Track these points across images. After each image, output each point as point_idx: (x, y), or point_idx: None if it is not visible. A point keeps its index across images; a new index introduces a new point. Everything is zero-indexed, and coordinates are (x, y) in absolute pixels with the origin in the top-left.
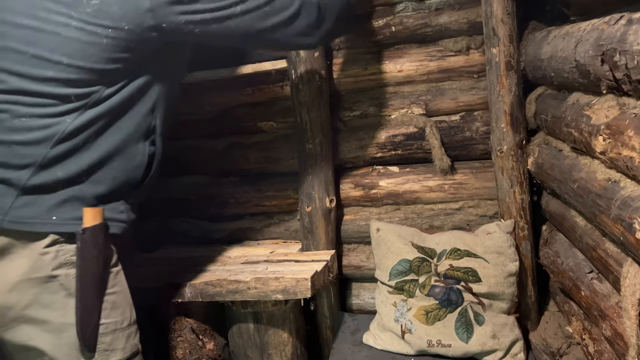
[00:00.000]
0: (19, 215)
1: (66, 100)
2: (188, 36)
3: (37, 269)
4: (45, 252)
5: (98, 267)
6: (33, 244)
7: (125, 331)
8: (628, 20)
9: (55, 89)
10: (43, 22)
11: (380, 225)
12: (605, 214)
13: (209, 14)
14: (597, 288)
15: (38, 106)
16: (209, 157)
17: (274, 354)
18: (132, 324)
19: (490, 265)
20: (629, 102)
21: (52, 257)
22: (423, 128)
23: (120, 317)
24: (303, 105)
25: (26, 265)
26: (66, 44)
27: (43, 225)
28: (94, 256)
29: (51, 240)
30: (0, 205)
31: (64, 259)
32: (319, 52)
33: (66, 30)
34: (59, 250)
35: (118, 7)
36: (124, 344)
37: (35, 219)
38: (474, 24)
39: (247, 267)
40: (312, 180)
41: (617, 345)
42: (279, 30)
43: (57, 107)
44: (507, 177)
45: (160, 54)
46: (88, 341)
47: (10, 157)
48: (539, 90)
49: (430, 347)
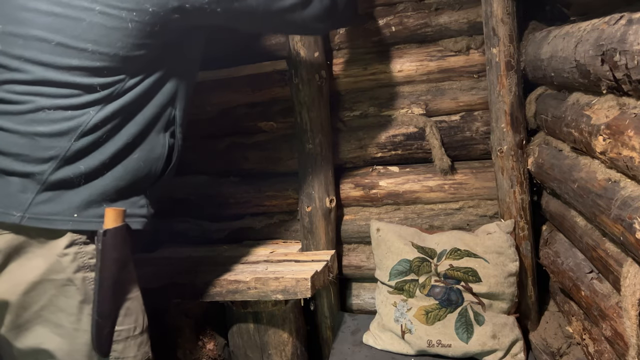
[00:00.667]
0: (40, 211)
1: (91, 90)
2: (210, 17)
3: (55, 271)
4: (64, 254)
5: (118, 271)
6: (51, 244)
7: (138, 339)
8: (628, 20)
9: (80, 79)
10: (66, 7)
11: (380, 225)
12: (605, 214)
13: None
14: (597, 288)
15: (62, 97)
16: (209, 157)
17: (274, 354)
18: (145, 331)
19: (490, 265)
20: (629, 102)
21: (71, 260)
22: (423, 128)
23: (134, 324)
24: (303, 105)
25: (44, 266)
26: (91, 30)
27: (64, 223)
28: (114, 259)
29: (70, 240)
30: (20, 200)
31: (83, 262)
32: (319, 52)
33: (90, 16)
34: (78, 253)
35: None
36: (136, 352)
37: (56, 215)
38: (474, 24)
39: (247, 267)
40: (312, 180)
41: (617, 346)
42: (297, 11)
43: (82, 97)
44: (507, 177)
45: (180, 40)
46: (102, 346)
47: (32, 149)
48: (539, 90)
49: (430, 347)
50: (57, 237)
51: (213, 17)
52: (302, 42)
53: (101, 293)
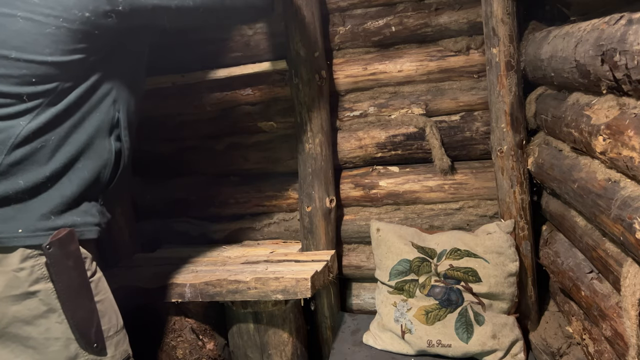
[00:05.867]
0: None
1: (19, 100)
2: (147, 16)
3: (14, 287)
4: (20, 269)
5: (78, 276)
6: (5, 260)
7: (114, 338)
8: (628, 20)
9: (6, 88)
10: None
11: (380, 225)
12: (605, 214)
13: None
14: (597, 288)
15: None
16: (209, 157)
17: (274, 354)
18: (120, 330)
19: (490, 265)
20: (629, 102)
21: (28, 273)
22: (423, 128)
23: (107, 325)
24: (303, 105)
25: (1, 284)
26: (15, 37)
27: (9, 240)
28: (69, 267)
29: (22, 255)
30: None
31: (41, 274)
32: (319, 52)
33: (12, 22)
34: (34, 265)
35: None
36: (114, 352)
37: (1, 233)
38: (474, 24)
39: (247, 267)
40: (312, 180)
41: (617, 346)
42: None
43: (9, 108)
44: (507, 177)
45: (122, 42)
46: (96, 343)
47: None
48: (539, 90)
49: (430, 347)
50: (9, 253)
51: (150, 16)
52: (302, 42)
53: (66, 300)
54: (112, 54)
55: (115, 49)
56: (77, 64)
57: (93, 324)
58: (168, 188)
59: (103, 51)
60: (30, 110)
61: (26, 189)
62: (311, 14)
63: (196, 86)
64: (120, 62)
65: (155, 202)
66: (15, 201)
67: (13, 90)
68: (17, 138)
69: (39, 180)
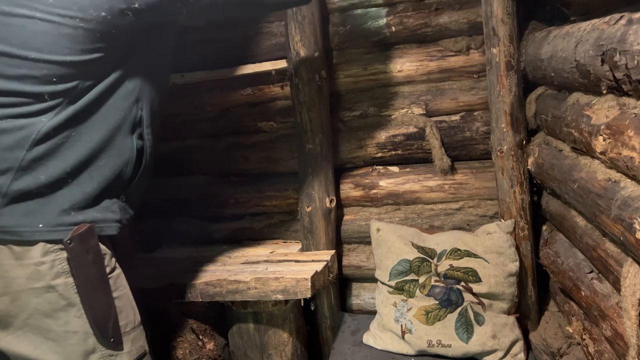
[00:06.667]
0: (5, 224)
1: (40, 99)
2: (165, 12)
3: (35, 280)
4: (41, 262)
5: (97, 271)
6: (26, 254)
7: (131, 334)
8: (628, 20)
9: (28, 87)
10: (7, 16)
11: (380, 225)
12: (605, 214)
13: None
14: (597, 288)
15: (11, 106)
16: (209, 157)
17: (274, 354)
18: (137, 326)
19: (490, 265)
20: (629, 102)
21: (49, 267)
22: (423, 128)
23: (125, 320)
24: (303, 105)
25: (24, 276)
26: (34, 38)
27: (31, 234)
28: (89, 262)
29: (43, 250)
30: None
31: (61, 268)
32: (319, 52)
33: (32, 23)
34: (55, 260)
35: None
36: (130, 347)
37: (22, 227)
38: (474, 24)
39: (247, 267)
40: (312, 180)
41: (617, 346)
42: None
43: (31, 106)
44: (507, 177)
45: (145, 39)
46: (113, 338)
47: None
48: (539, 90)
49: (431, 347)
50: (30, 247)
51: (169, 11)
52: (302, 42)
53: (86, 295)
54: (133, 52)
55: (137, 47)
56: (96, 63)
57: (110, 319)
58: (168, 188)
59: (123, 49)
60: (52, 108)
61: (47, 183)
62: (311, 14)
63: (196, 86)
64: (143, 60)
65: (155, 202)
66: (36, 196)
67: (35, 89)
68: (38, 134)
69: (60, 175)
